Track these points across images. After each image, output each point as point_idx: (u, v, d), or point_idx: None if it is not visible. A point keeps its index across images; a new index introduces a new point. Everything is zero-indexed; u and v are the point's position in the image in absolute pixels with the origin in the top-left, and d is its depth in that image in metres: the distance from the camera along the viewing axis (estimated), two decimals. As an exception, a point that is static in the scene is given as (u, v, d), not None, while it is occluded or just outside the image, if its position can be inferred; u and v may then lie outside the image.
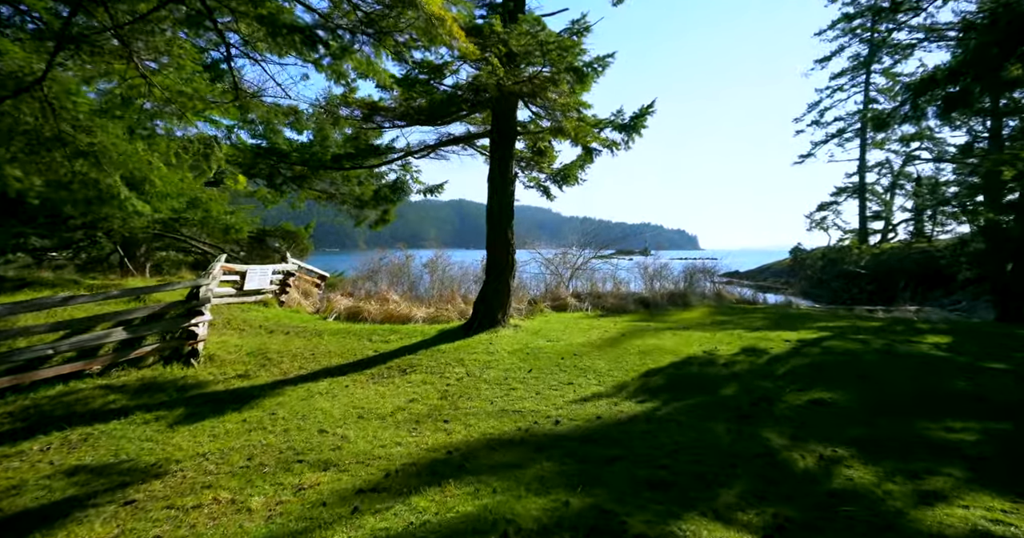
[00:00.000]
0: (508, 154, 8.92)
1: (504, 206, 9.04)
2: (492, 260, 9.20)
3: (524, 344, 8.32)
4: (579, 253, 18.83)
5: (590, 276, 17.66)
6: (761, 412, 5.28)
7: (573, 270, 18.08)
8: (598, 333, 9.22)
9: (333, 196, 18.06)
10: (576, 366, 7.16)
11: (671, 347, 8.01)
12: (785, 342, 8.26)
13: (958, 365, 6.86)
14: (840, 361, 7.08)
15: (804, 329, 9.59)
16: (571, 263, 18.52)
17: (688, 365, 7.05)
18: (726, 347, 8.01)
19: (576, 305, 12.43)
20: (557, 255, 18.34)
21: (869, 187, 38.62)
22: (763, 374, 6.63)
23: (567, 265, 18.40)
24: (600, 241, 19.10)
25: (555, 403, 5.67)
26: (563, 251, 18.57)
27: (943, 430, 4.62)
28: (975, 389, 5.79)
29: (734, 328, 9.78)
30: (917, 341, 8.33)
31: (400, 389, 6.24)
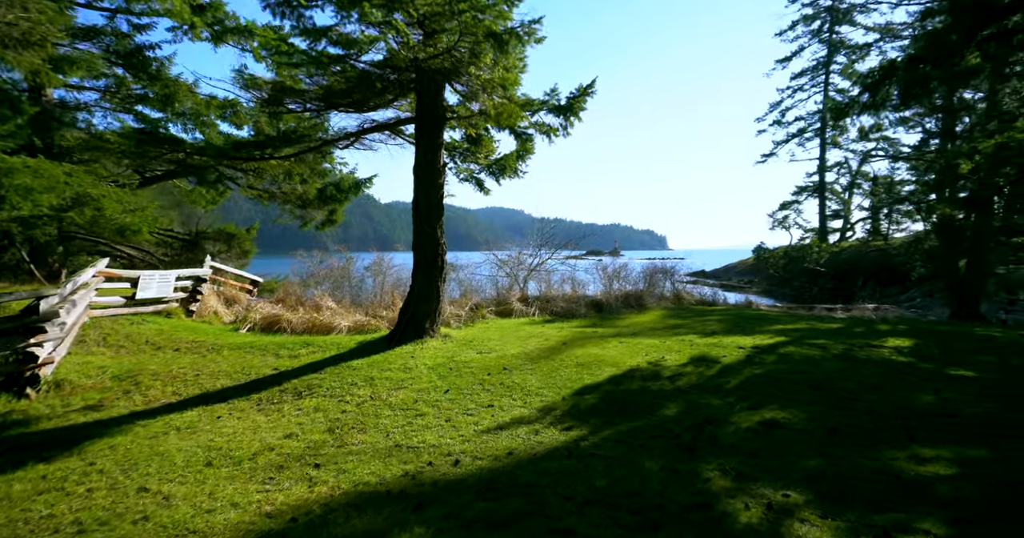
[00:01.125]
0: (435, 142, 7.94)
1: (432, 200, 8.05)
2: (419, 261, 8.20)
3: (450, 357, 7.35)
4: (536, 254, 17.93)
5: (547, 278, 16.85)
6: (704, 440, 4.44)
7: (529, 272, 17.18)
8: (537, 342, 8.32)
9: (274, 195, 16.75)
10: (503, 383, 6.23)
11: (614, 358, 7.16)
12: (739, 349, 7.51)
13: (922, 373, 6.21)
14: (797, 370, 6.35)
15: (760, 333, 8.90)
16: (527, 264, 17.63)
17: (629, 380, 6.20)
18: (675, 356, 7.21)
19: (522, 310, 11.53)
20: (511, 256, 17.41)
21: (829, 186, 39.10)
22: (712, 389, 5.83)
23: (523, 267, 17.51)
24: (557, 241, 18.23)
25: (464, 433, 4.72)
26: (518, 252, 17.66)
27: (912, 460, 3.85)
28: (942, 403, 5.10)
29: (687, 333, 9.03)
30: (877, 345, 7.70)
31: (284, 419, 5.18)
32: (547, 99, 7.61)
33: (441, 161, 8.14)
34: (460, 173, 9.50)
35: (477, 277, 16.70)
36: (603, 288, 16.04)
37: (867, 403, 5.17)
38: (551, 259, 18.11)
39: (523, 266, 17.39)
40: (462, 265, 17.24)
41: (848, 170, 38.14)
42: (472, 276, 16.64)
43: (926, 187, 16.71)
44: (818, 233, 37.85)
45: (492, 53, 6.21)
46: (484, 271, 17.34)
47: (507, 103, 6.74)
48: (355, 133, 8.94)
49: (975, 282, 17.05)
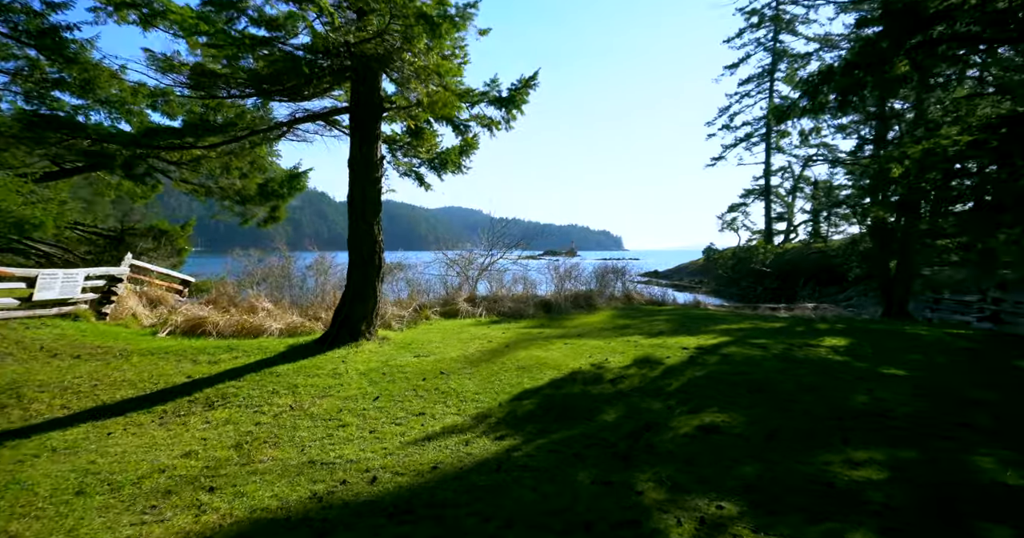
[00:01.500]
0: (372, 133, 7.49)
1: (369, 195, 7.60)
2: (355, 260, 7.72)
3: (385, 361, 6.92)
4: (487, 254, 17.58)
5: (499, 278, 16.58)
6: (641, 448, 4.24)
7: (480, 271, 16.83)
8: (480, 344, 8.00)
9: (211, 190, 15.71)
10: (438, 389, 5.87)
11: (557, 360, 6.93)
12: (683, 350, 7.43)
13: (856, 372, 6.27)
14: (737, 372, 6.29)
15: (705, 333, 8.90)
16: (478, 264, 17.27)
17: (570, 383, 5.97)
18: (619, 358, 7.04)
19: (469, 310, 11.19)
20: (462, 256, 17.02)
21: (774, 190, 40.56)
22: (653, 392, 5.67)
23: (474, 266, 17.14)
24: (509, 240, 17.94)
25: (389, 446, 4.34)
26: (469, 252, 17.29)
27: (846, 465, 3.76)
28: (876, 403, 5.10)
29: (634, 333, 8.93)
30: (815, 344, 7.80)
31: (187, 434, 4.65)
32: (487, 90, 7.30)
33: (379, 154, 7.69)
34: (400, 167, 9.05)
35: (427, 277, 16.25)
36: (555, 288, 15.93)
37: (804, 404, 5.12)
38: (503, 259, 17.84)
39: (474, 266, 17.05)
40: (411, 264, 16.74)
41: (791, 174, 39.69)
42: (422, 276, 16.18)
43: (861, 191, 17.46)
44: (764, 235, 39.23)
45: (426, 38, 5.85)
46: (434, 270, 16.90)
47: (442, 92, 6.38)
48: (286, 123, 8.36)
49: (904, 282, 17.94)
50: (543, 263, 19.34)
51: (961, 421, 4.53)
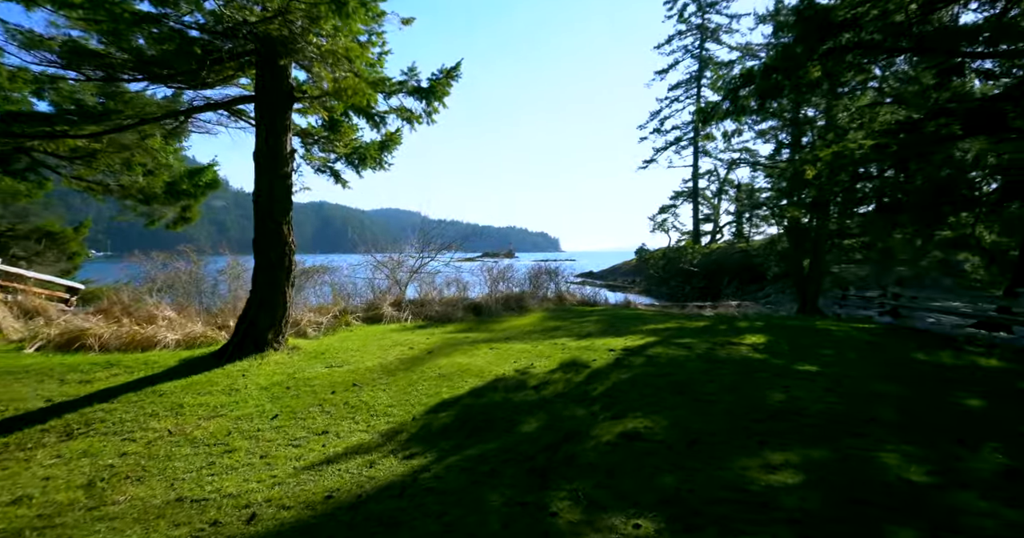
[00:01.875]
0: (280, 124, 6.83)
1: (277, 191, 6.93)
2: (262, 263, 7.03)
3: (291, 374, 6.31)
4: (419, 256, 16.97)
5: (431, 280, 16.06)
6: (561, 460, 3.97)
7: (411, 274, 16.22)
8: (400, 351, 7.52)
9: (110, 189, 14.13)
10: (348, 403, 5.37)
11: (481, 366, 6.59)
12: (609, 351, 7.31)
13: (774, 369, 6.35)
14: (662, 373, 6.20)
15: (633, 334, 8.87)
16: (408, 266, 16.65)
17: (491, 391, 5.64)
18: (545, 362, 6.80)
19: (394, 315, 10.64)
20: (391, 258, 16.33)
21: (701, 192, 42.37)
22: (578, 397, 5.45)
23: (404, 269, 16.51)
24: (442, 242, 17.41)
25: (280, 473, 3.83)
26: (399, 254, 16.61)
27: (764, 469, 3.66)
28: (792, 401, 5.12)
29: (562, 336, 8.75)
30: (737, 343, 7.92)
31: (27, 473, 3.90)
32: (405, 79, 6.86)
33: (288, 147, 7.04)
34: (313, 162, 8.39)
35: (355, 280, 15.47)
36: (488, 291, 15.61)
37: (725, 405, 5.06)
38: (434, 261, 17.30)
39: (404, 268, 16.43)
40: (338, 268, 15.89)
41: (717, 177, 41.63)
42: (349, 279, 15.39)
43: (779, 193, 18.41)
44: (692, 236, 40.88)
45: (333, 19, 5.34)
46: (363, 274, 16.12)
47: (352, 78, 5.87)
48: (183, 111, 7.51)
49: (816, 280, 19.09)
50: (477, 265, 18.99)
51: (869, 416, 4.60)
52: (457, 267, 17.97)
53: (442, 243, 17.75)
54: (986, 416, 4.57)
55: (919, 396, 5.21)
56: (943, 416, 4.60)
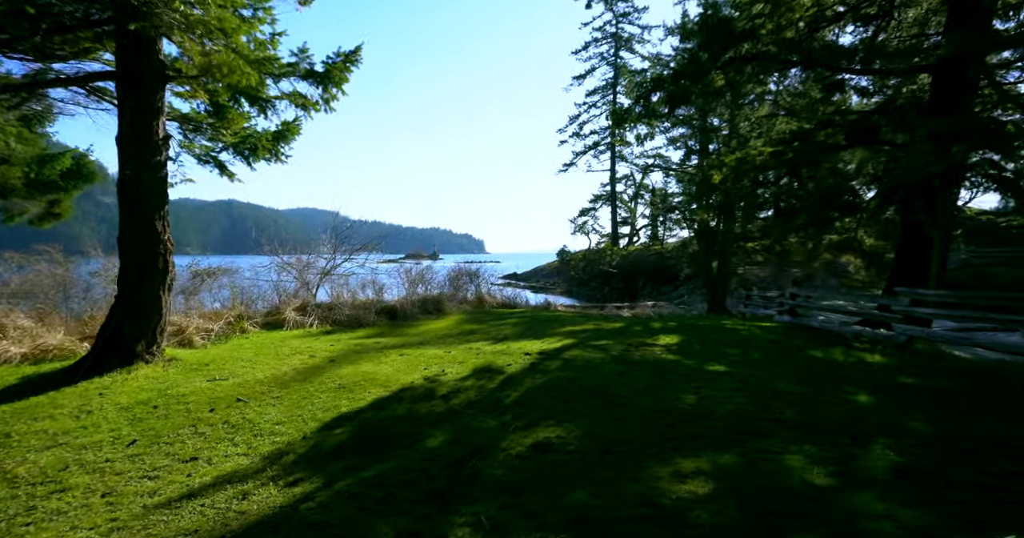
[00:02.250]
0: (148, 105, 5.95)
1: (146, 181, 6.03)
2: (129, 265, 6.10)
3: (162, 390, 5.48)
4: (331, 257, 15.96)
5: (345, 282, 15.17)
6: (465, 479, 3.61)
7: (323, 276, 15.22)
8: (299, 360, 6.84)
9: (-47, 176, 11.96)
10: (228, 422, 4.70)
11: (387, 375, 6.10)
12: (525, 355, 7.07)
13: (686, 371, 6.40)
14: (577, 377, 6.04)
15: (550, 336, 8.72)
16: (319, 268, 15.63)
17: (396, 403, 5.18)
18: (457, 369, 6.43)
19: (298, 320, 9.81)
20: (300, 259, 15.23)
21: (618, 196, 43.83)
22: (489, 406, 5.12)
23: (315, 270, 15.47)
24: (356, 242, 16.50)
25: (122, 515, 3.16)
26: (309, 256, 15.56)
27: (675, 479, 3.51)
28: (702, 403, 5.11)
29: (478, 340, 8.42)
30: (651, 344, 7.99)
31: None
32: (296, 61, 6.22)
33: (161, 132, 6.16)
34: (193, 150, 7.45)
35: (260, 283, 14.27)
36: (406, 293, 15.00)
37: (639, 409, 4.94)
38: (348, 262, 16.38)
39: (314, 270, 15.42)
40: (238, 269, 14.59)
41: (633, 182, 43.29)
42: (252, 282, 14.17)
43: (689, 197, 19.29)
44: (611, 238, 42.17)
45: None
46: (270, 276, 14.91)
47: (226, 53, 5.16)
48: (21, 85, 6.36)
49: (723, 280, 20.20)
50: (395, 267, 18.25)
51: (774, 416, 4.66)
52: (373, 269, 17.14)
53: (357, 244, 16.87)
54: (875, 412, 4.77)
55: (816, 393, 5.39)
56: (838, 413, 4.75)
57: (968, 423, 4.51)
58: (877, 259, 13.55)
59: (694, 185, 18.20)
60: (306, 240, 17.93)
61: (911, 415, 4.69)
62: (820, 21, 10.67)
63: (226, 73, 5.17)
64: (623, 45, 39.57)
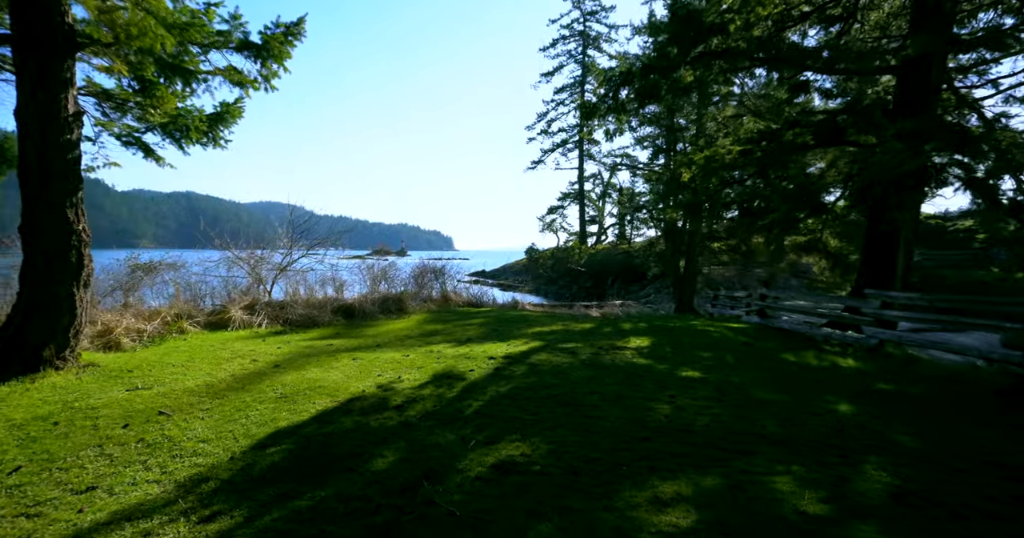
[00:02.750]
0: (55, 76, 5.18)
1: (52, 163, 5.26)
2: (34, 257, 5.32)
3: (69, 402, 4.77)
4: (288, 252, 15.08)
5: (303, 279, 14.38)
6: (415, 507, 3.12)
7: (279, 272, 14.38)
8: (239, 365, 6.18)
9: None
10: (143, 440, 4.06)
11: (336, 382, 5.52)
12: (489, 360, 6.60)
13: (659, 377, 6.05)
14: (545, 384, 5.60)
15: (516, 338, 8.28)
16: (275, 263, 14.76)
17: (343, 415, 4.63)
18: (415, 374, 5.90)
19: (246, 320, 9.06)
20: (252, 253, 14.34)
21: (586, 194, 43.79)
22: (448, 418, 4.63)
23: (271, 266, 14.61)
24: (315, 236, 15.64)
25: (-19, 571, 2.54)
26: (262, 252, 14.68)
27: (654, 507, 3.10)
28: (677, 413, 4.75)
29: (440, 341, 7.91)
30: (622, 347, 7.64)
31: None
32: (228, 29, 5.53)
33: (71, 107, 5.39)
34: (112, 129, 6.63)
35: (209, 279, 13.33)
36: (368, 290, 14.33)
37: (610, 421, 4.54)
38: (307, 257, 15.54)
39: (270, 265, 14.55)
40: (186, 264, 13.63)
41: (601, 181, 43.31)
42: (203, 278, 13.23)
43: (657, 196, 19.18)
44: (579, 236, 42.10)
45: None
46: (222, 271, 13.96)
47: (134, 12, 4.45)
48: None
49: (690, 280, 20.20)
50: (356, 263, 17.48)
51: (755, 430, 4.33)
52: (333, 265, 16.34)
53: (317, 238, 16.01)
54: (859, 424, 4.50)
55: (797, 402, 5.12)
56: (821, 425, 4.47)
57: (953, 435, 4.29)
58: (842, 260, 13.62)
59: (662, 184, 18.10)
60: (268, 234, 16.97)
61: (894, 427, 4.44)
62: (787, 20, 10.59)
63: (135, 35, 4.47)
64: (591, 43, 39.50)
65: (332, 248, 16.17)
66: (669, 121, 19.14)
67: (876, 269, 9.81)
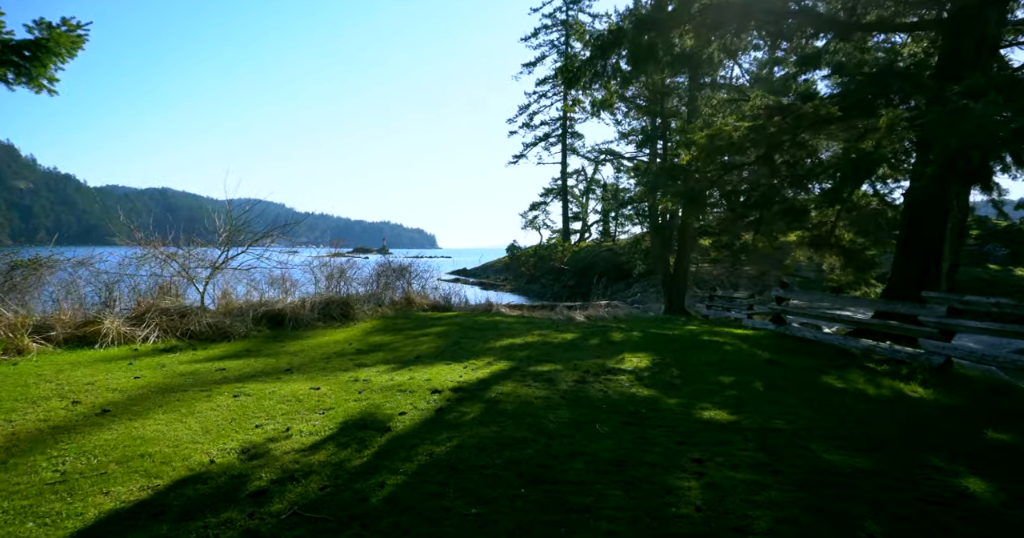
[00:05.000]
0: None
1: None
2: None
3: None
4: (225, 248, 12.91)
5: (248, 278, 12.35)
6: None
7: (214, 270, 12.27)
8: (42, 412, 4.13)
9: None
10: None
11: (178, 442, 3.56)
12: (432, 394, 4.68)
13: (671, 421, 4.20)
14: (505, 442, 3.70)
15: (479, 355, 6.39)
16: (211, 261, 12.64)
17: (147, 521, 2.66)
18: (315, 422, 3.96)
19: (126, 333, 6.99)
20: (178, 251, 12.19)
21: (570, 190, 42.08)
22: (336, 521, 2.70)
23: (206, 263, 12.50)
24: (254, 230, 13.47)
25: None
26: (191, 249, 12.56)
27: None
28: (714, 505, 2.89)
29: (378, 362, 5.99)
30: (615, 368, 5.79)
31: None
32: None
33: None
34: None
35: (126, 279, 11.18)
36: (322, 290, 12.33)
37: (607, 521, 2.67)
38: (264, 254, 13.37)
39: (206, 263, 12.45)
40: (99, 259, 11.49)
41: (585, 176, 41.63)
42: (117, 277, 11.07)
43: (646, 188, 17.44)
44: (562, 234, 40.37)
45: None
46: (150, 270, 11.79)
47: None
48: None
49: (681, 279, 18.50)
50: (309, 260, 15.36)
51: None
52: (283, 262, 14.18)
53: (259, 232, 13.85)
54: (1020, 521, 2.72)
55: (891, 470, 3.32)
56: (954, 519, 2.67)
57: None
58: (857, 256, 11.99)
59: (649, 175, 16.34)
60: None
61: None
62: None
63: None
64: (573, 33, 37.71)
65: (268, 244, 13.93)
66: (659, 106, 17.43)
67: (914, 266, 8.15)
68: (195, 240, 12.98)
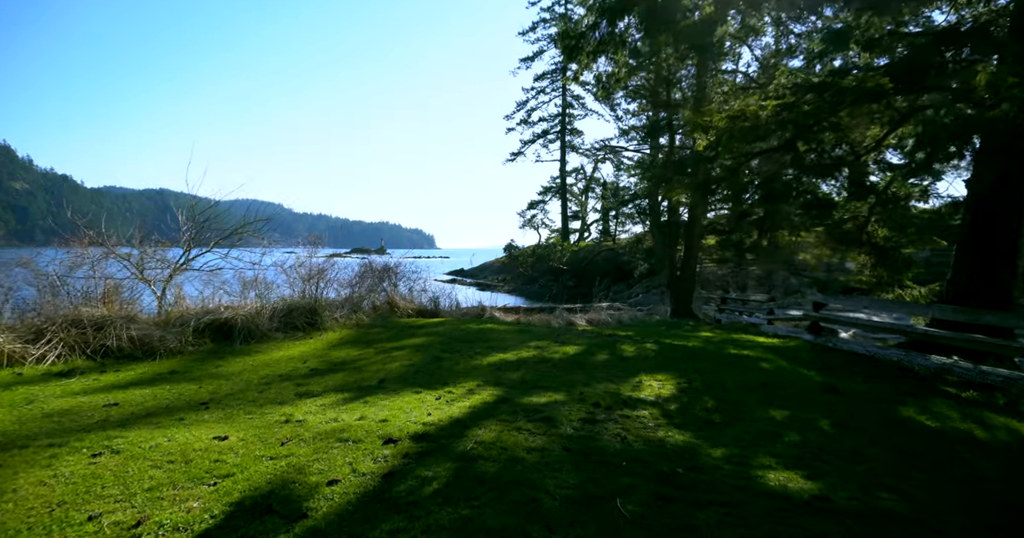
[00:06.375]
0: None
1: None
2: None
3: None
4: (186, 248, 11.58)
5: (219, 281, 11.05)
6: None
7: (173, 271, 10.96)
8: None
9: None
10: None
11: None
12: (385, 446, 3.32)
13: (726, 496, 2.87)
14: None
15: (459, 381, 5.03)
16: (171, 261, 11.36)
17: None
18: (182, 509, 2.61)
19: (17, 351, 5.59)
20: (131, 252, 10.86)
21: (568, 189, 40.79)
22: None
23: (167, 264, 11.23)
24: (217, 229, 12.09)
25: None
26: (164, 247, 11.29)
27: None
28: None
29: (328, 390, 4.64)
30: (631, 397, 4.43)
31: None
32: None
33: None
34: None
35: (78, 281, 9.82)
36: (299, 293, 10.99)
37: None
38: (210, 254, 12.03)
39: (167, 264, 11.18)
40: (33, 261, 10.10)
41: (584, 175, 40.32)
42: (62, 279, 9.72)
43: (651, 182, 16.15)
44: (561, 233, 39.07)
45: None
46: (113, 269, 10.43)
47: None
48: None
49: (688, 280, 17.19)
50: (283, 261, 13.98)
51: None
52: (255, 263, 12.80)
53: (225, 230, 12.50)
54: None
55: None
56: None
57: None
58: (891, 255, 10.66)
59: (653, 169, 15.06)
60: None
61: None
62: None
63: None
64: (573, 25, 36.41)
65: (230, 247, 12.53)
66: (667, 95, 16.14)
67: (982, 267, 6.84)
68: (161, 242, 11.62)
